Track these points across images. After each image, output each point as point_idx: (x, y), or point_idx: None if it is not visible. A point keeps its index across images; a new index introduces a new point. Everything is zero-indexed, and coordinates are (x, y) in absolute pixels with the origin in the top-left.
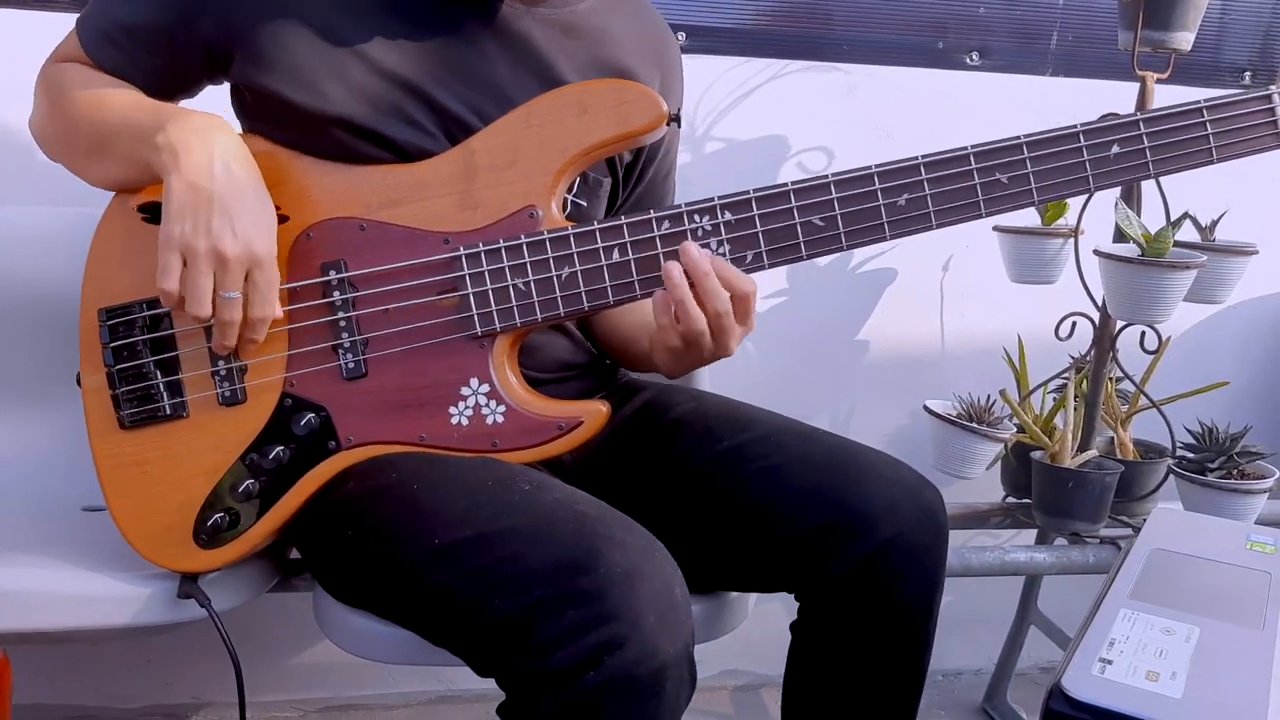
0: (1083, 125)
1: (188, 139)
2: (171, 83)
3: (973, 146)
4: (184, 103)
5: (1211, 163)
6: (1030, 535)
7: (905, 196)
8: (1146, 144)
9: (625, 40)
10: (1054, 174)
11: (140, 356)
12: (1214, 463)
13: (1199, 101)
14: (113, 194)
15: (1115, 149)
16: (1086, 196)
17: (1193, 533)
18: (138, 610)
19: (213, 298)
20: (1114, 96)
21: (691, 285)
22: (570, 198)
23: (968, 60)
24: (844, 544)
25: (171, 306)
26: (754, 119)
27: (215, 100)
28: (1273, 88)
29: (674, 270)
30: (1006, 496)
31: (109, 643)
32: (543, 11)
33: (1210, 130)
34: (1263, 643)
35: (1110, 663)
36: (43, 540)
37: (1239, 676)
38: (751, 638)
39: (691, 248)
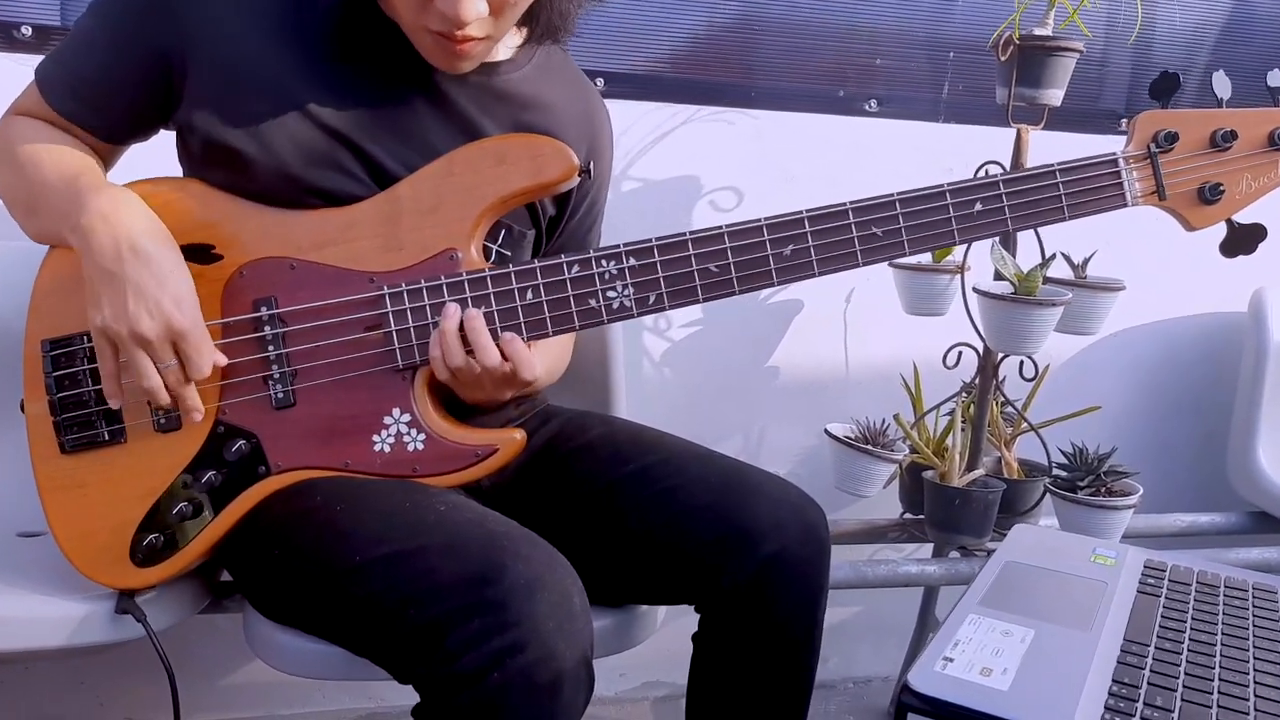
0: (949, 184)
1: (94, 224)
2: (128, 129)
3: (851, 203)
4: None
5: (1064, 220)
6: (929, 549)
7: (791, 247)
8: (1005, 203)
9: (553, 107)
10: (924, 228)
11: (81, 385)
12: (1083, 481)
13: (1053, 164)
14: None
15: (978, 206)
16: None
17: (1045, 547)
18: (73, 630)
19: (155, 368)
20: (999, 142)
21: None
22: (496, 248)
23: (866, 108)
24: (734, 558)
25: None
26: (669, 160)
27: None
28: (1117, 151)
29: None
30: (904, 513)
31: (42, 665)
32: (475, 79)
33: (1063, 191)
34: (1087, 642)
35: (952, 660)
36: None
37: (1061, 671)
38: (673, 651)
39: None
